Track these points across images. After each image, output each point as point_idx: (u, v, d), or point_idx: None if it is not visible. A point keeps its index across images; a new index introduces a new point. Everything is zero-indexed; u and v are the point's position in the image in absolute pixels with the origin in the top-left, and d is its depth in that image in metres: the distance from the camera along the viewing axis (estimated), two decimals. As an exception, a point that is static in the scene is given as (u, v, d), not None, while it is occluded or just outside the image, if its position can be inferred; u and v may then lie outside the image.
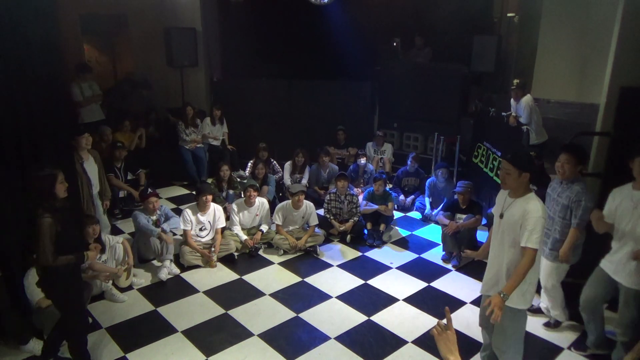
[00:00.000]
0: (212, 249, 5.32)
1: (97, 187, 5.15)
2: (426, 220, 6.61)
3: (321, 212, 6.34)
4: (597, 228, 3.60)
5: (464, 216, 5.47)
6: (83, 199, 4.68)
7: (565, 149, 3.79)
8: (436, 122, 7.94)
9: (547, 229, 3.95)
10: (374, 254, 5.67)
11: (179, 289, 4.85)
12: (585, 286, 3.75)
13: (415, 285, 4.96)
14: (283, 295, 4.73)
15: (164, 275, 4.95)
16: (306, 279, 5.05)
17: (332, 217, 6.03)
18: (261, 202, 5.84)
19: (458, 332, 4.13)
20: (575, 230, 3.73)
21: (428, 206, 6.61)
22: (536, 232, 2.86)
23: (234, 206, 5.72)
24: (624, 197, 3.45)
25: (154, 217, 5.30)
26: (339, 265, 5.37)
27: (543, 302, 4.23)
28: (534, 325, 4.26)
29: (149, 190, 5.45)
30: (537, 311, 4.34)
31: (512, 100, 6.48)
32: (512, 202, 3.03)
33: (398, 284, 4.98)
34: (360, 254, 5.67)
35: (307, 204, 5.85)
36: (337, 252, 5.69)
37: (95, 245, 4.18)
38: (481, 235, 5.69)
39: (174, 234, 5.60)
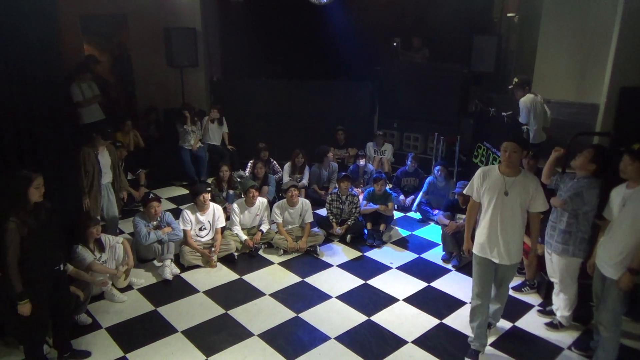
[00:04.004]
0: (212, 249, 5.32)
1: (109, 177, 5.38)
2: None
3: (323, 212, 6.34)
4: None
5: (464, 216, 5.45)
6: (92, 187, 5.02)
7: (592, 146, 3.90)
8: (436, 122, 7.94)
9: (553, 221, 3.98)
10: (374, 254, 5.67)
11: (179, 289, 4.85)
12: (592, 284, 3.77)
13: (415, 285, 4.97)
14: (283, 295, 4.73)
15: (168, 274, 4.95)
16: (306, 279, 5.05)
17: (333, 219, 6.04)
18: (261, 202, 5.84)
19: (458, 332, 4.16)
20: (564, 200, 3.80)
21: (419, 196, 6.76)
22: None
23: (235, 206, 5.73)
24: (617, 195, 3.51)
25: (154, 223, 5.27)
26: (339, 265, 5.37)
27: (555, 302, 4.21)
28: (535, 325, 4.27)
29: (150, 195, 5.40)
30: (550, 313, 4.34)
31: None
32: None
33: (398, 284, 4.98)
34: (360, 254, 5.67)
35: (303, 201, 5.85)
36: (337, 252, 5.69)
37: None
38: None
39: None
